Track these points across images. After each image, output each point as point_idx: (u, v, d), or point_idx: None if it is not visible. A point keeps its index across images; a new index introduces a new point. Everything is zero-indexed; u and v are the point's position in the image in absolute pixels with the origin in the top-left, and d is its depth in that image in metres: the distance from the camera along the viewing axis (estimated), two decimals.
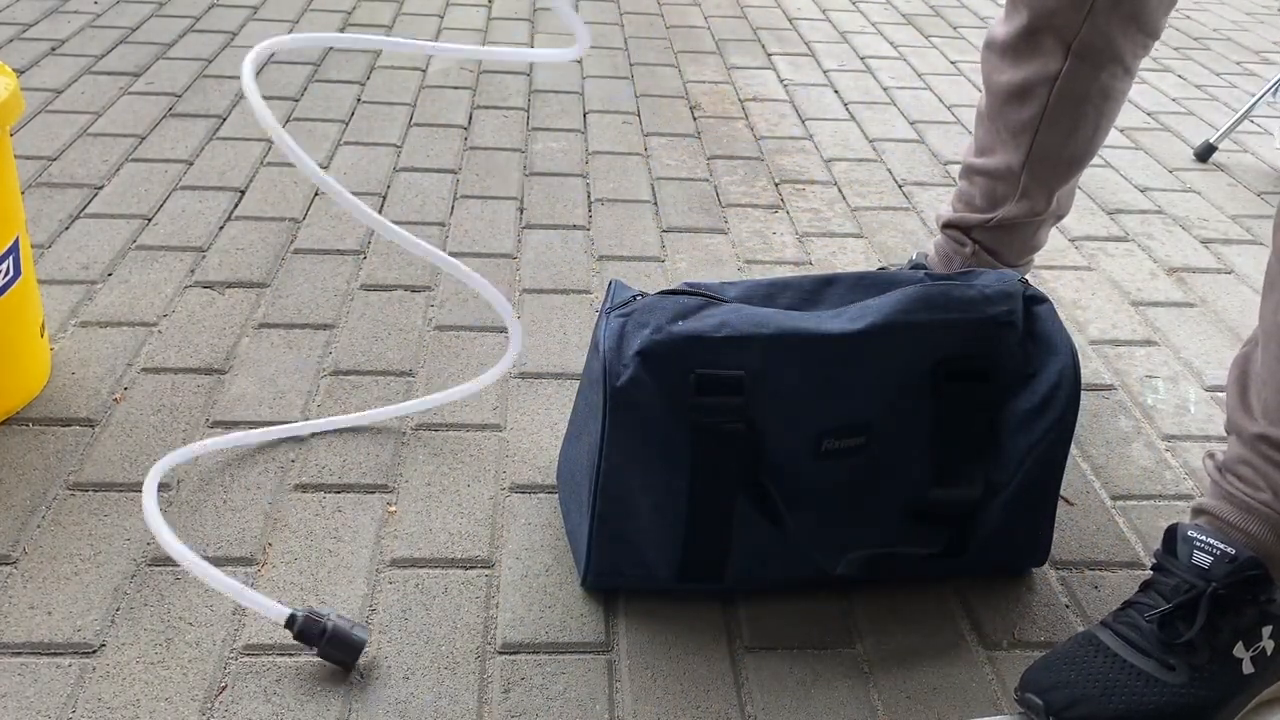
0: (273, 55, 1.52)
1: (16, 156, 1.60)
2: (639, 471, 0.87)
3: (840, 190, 1.75)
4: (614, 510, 0.89)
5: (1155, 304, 1.47)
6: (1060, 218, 1.22)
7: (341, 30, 2.32)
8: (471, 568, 0.97)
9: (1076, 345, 1.35)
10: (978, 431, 0.91)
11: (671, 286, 0.96)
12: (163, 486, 1.03)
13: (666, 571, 0.91)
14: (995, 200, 1.18)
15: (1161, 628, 0.82)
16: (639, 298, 0.89)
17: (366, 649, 0.87)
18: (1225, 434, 0.89)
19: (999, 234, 1.19)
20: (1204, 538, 0.84)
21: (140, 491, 1.01)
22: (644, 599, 0.94)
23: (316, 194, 1.61)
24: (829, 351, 0.86)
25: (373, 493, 1.04)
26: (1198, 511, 0.88)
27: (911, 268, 1.24)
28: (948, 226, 1.24)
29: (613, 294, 0.91)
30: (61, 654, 0.85)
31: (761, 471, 0.88)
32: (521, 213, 1.61)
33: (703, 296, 0.89)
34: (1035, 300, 0.93)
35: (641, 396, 0.85)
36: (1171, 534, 0.86)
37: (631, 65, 2.25)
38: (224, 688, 0.84)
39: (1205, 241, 1.66)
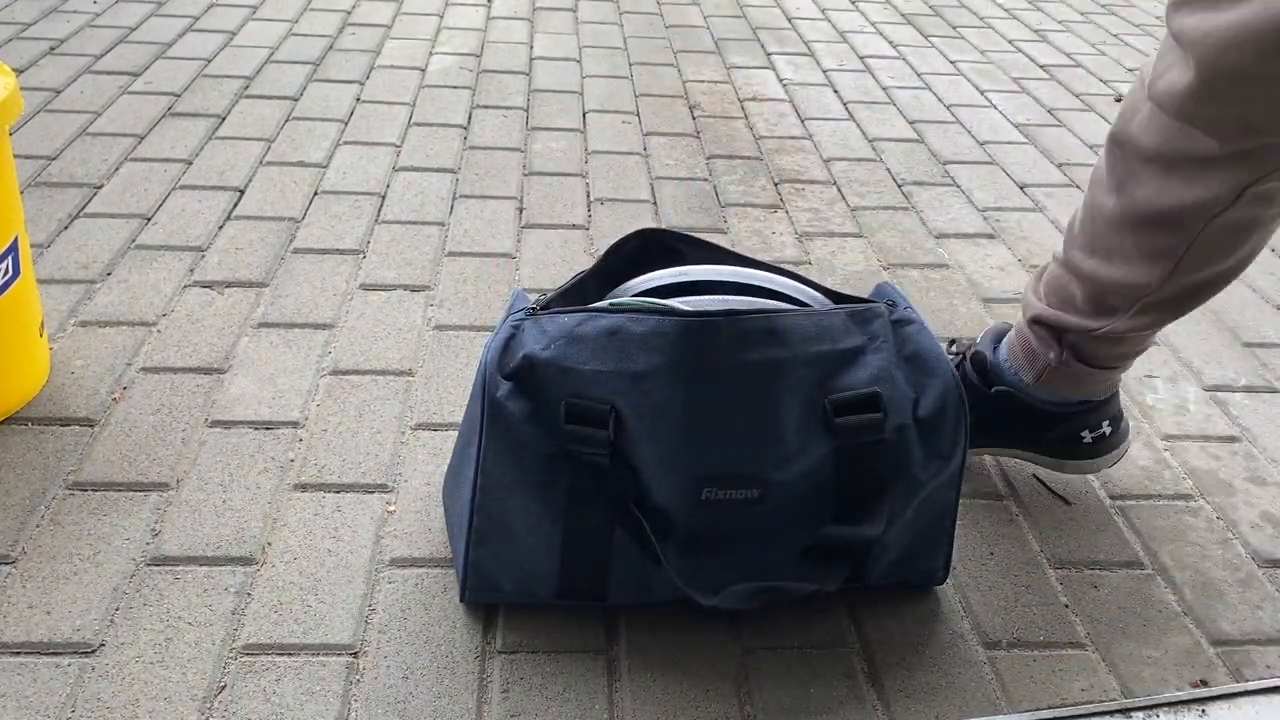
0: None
1: (16, 156, 1.60)
2: (516, 491, 0.85)
3: (839, 190, 1.75)
4: (491, 528, 0.87)
5: None
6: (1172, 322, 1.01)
7: (341, 30, 2.32)
8: None
9: None
10: (879, 465, 0.86)
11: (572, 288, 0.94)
12: (161, 486, 1.03)
13: (546, 591, 0.89)
14: (1102, 309, 0.97)
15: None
16: (531, 313, 0.87)
17: (366, 647, 0.88)
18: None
19: (1099, 344, 1.00)
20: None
21: (137, 492, 1.01)
22: None
23: (316, 193, 1.61)
24: (701, 393, 0.83)
25: (372, 493, 1.04)
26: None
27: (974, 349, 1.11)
28: (1036, 322, 1.02)
29: (511, 306, 0.90)
30: (61, 654, 0.85)
31: (637, 504, 0.85)
32: (521, 212, 1.61)
33: (586, 312, 0.85)
34: (903, 323, 0.89)
35: (518, 416, 0.83)
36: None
37: (631, 65, 2.25)
38: (223, 687, 0.84)
39: None
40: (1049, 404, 1.05)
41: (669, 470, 0.84)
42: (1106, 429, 1.06)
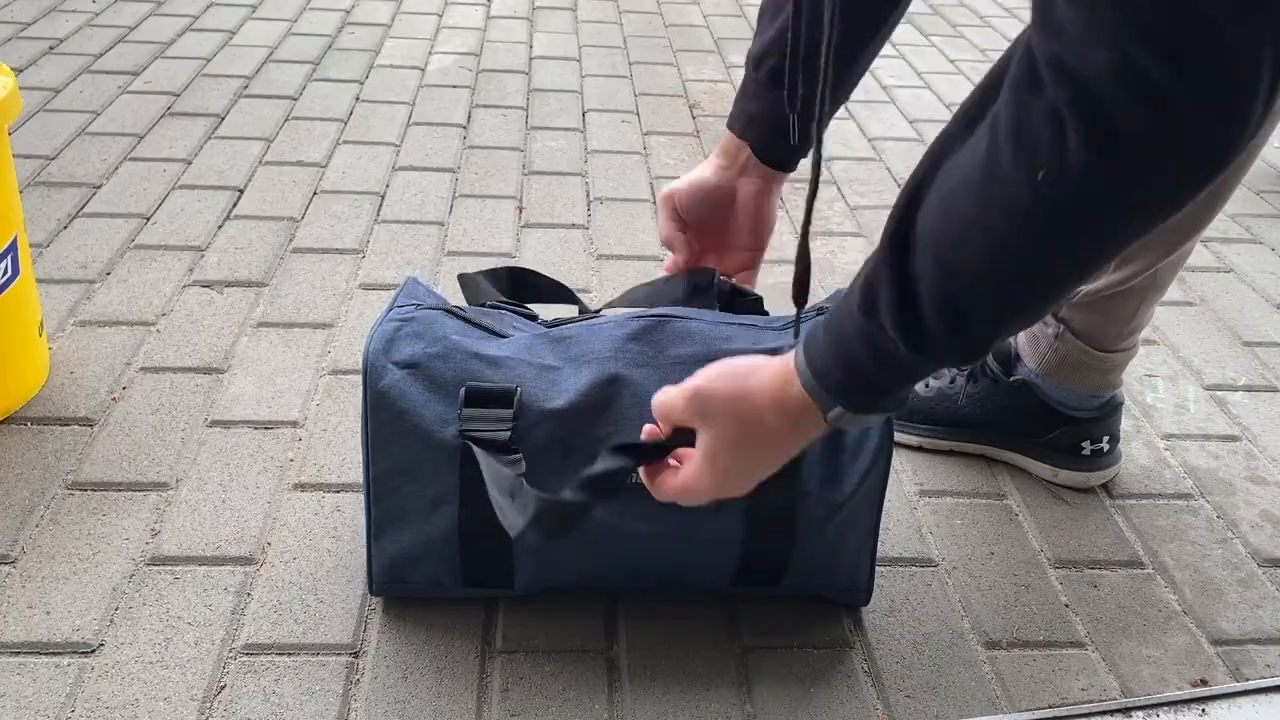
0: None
1: (15, 155, 1.59)
2: (409, 479, 0.85)
3: (839, 189, 1.75)
4: (388, 518, 0.87)
5: None
6: (1163, 291, 1.06)
7: (340, 29, 2.32)
8: None
9: None
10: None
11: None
12: (161, 486, 1.03)
13: (451, 580, 0.89)
14: None
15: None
16: (418, 307, 0.87)
17: (366, 647, 0.87)
18: None
19: (1088, 313, 1.06)
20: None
21: (136, 492, 1.01)
22: (644, 598, 0.93)
23: (315, 193, 1.61)
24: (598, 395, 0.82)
25: None
26: None
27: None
28: None
29: (404, 290, 0.90)
30: (60, 653, 0.85)
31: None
32: (521, 212, 1.61)
33: (484, 330, 0.87)
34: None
35: (406, 405, 0.82)
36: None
37: (630, 64, 2.25)
38: (223, 687, 0.84)
39: (1205, 240, 1.66)
40: (1060, 403, 1.09)
41: (570, 451, 0.82)
42: (1105, 445, 1.11)
